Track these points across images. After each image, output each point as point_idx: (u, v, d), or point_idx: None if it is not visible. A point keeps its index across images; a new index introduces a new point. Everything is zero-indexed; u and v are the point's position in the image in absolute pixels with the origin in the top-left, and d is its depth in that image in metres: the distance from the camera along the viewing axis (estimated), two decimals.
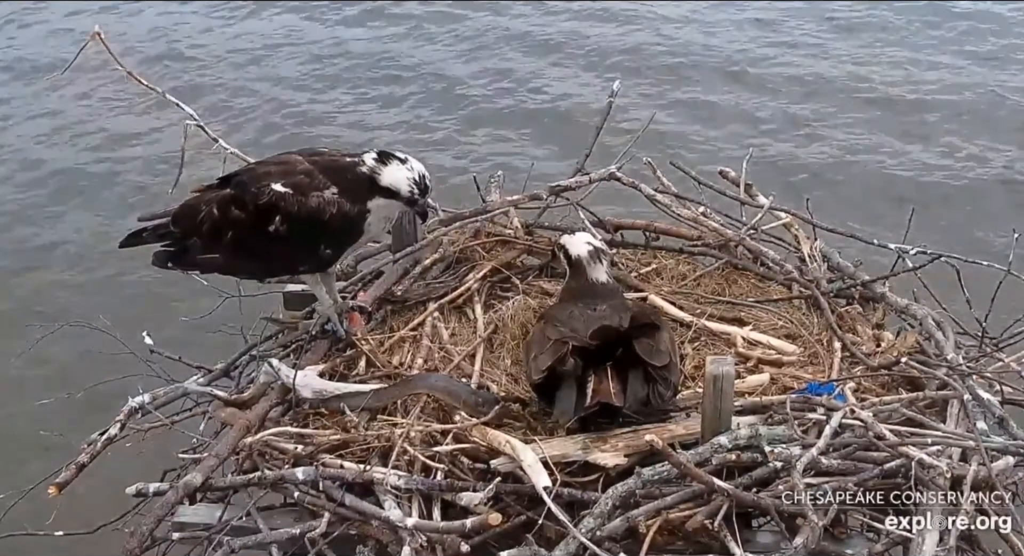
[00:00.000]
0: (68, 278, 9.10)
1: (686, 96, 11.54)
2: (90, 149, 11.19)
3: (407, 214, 4.60)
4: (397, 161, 4.16)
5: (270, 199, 4.14)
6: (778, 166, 9.98)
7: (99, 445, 4.16)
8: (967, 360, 4.38)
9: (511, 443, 3.78)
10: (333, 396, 4.16)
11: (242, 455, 4.05)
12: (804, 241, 5.16)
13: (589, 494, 3.70)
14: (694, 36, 12.94)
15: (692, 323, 4.67)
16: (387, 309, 4.80)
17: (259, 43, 13.41)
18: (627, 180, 5.29)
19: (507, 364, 4.46)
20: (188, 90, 11.29)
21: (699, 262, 5.21)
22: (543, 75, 12.19)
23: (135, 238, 4.50)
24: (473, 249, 5.12)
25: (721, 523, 3.55)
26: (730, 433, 3.76)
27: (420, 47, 13.09)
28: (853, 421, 3.81)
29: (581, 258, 4.39)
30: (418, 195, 4.16)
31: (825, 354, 4.48)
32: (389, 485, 3.77)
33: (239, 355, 4.79)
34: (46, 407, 6.33)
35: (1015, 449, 3.81)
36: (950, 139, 10.58)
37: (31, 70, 12.91)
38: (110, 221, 9.68)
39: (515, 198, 5.33)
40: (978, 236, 8.83)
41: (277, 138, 10.69)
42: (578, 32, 13.12)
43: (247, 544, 3.86)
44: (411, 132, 11.12)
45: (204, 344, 5.76)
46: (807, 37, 12.92)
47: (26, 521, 4.40)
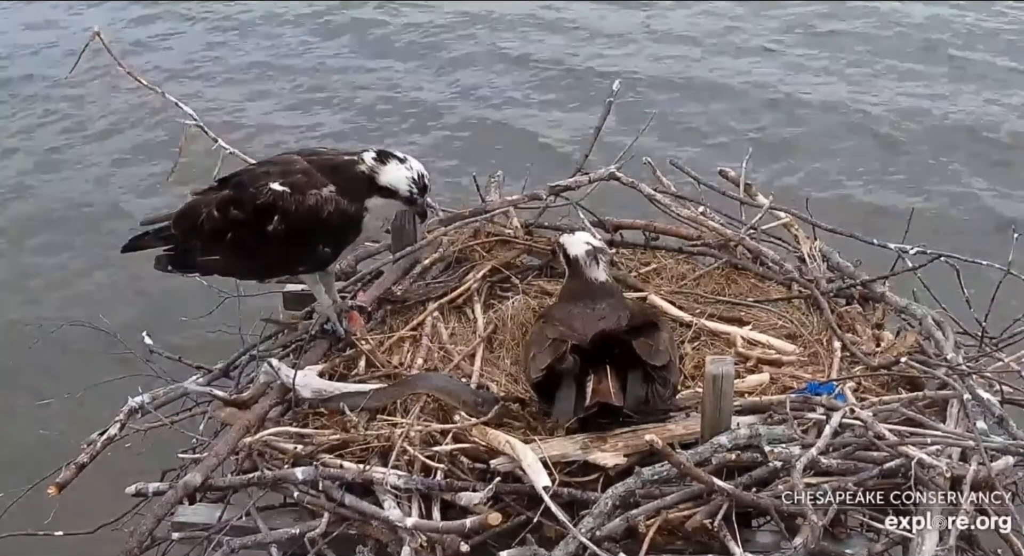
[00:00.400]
0: (68, 278, 9.10)
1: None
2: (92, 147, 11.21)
3: (406, 213, 4.60)
4: (396, 160, 4.14)
5: (268, 198, 4.14)
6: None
7: (99, 445, 4.16)
8: (967, 360, 4.37)
9: (511, 443, 3.78)
10: (333, 396, 4.16)
11: (242, 455, 4.05)
12: (804, 241, 5.15)
13: (589, 494, 3.70)
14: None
15: (692, 323, 4.67)
16: (387, 309, 4.79)
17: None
18: (627, 180, 5.29)
19: (507, 364, 4.46)
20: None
21: (699, 262, 5.21)
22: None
23: (137, 242, 4.50)
24: (473, 249, 5.12)
25: (721, 523, 3.55)
26: (730, 433, 3.76)
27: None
28: (853, 421, 3.80)
29: (579, 258, 4.39)
30: (417, 194, 4.14)
31: (825, 354, 4.48)
32: (389, 485, 3.77)
33: (239, 355, 4.79)
34: (46, 407, 6.36)
35: (1015, 449, 3.80)
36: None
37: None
38: (111, 220, 9.69)
39: (515, 198, 5.33)
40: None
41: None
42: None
43: (247, 544, 3.85)
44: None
45: (204, 344, 5.76)
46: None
47: (26, 521, 4.39)
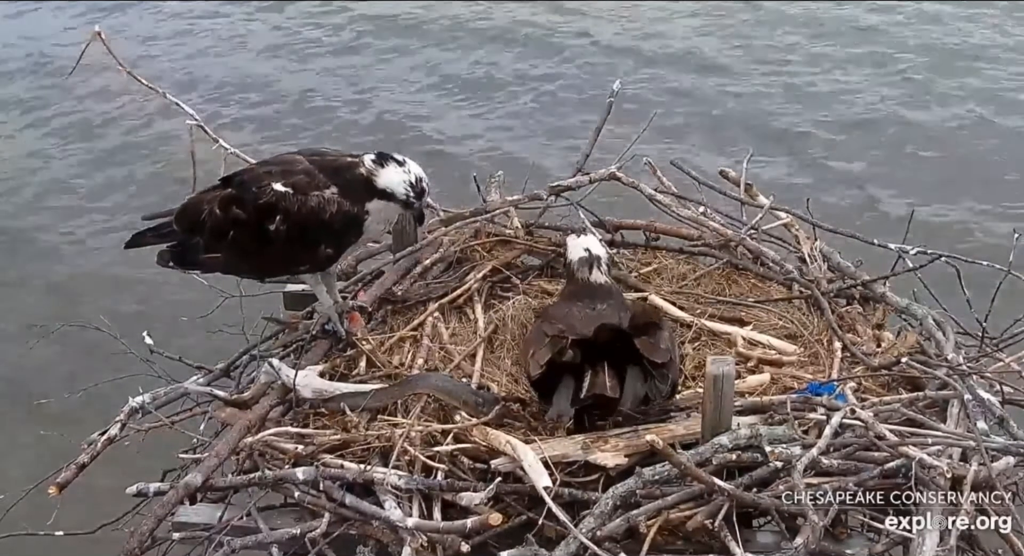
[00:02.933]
0: (68, 278, 9.10)
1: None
2: (92, 147, 11.19)
3: (405, 216, 4.57)
4: (395, 163, 4.13)
5: (270, 198, 4.14)
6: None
7: (99, 445, 4.14)
8: (967, 360, 4.37)
9: (511, 443, 3.78)
10: (333, 396, 4.16)
11: (242, 455, 4.05)
12: (804, 241, 5.15)
13: (589, 494, 3.70)
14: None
15: (692, 323, 4.67)
16: (387, 309, 4.79)
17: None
18: (627, 180, 5.29)
19: (507, 364, 4.46)
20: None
21: (699, 262, 5.21)
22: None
23: (140, 238, 4.51)
24: (473, 249, 5.12)
25: (721, 523, 3.55)
26: (730, 433, 3.76)
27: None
28: (853, 421, 3.80)
29: (573, 263, 4.41)
30: (414, 198, 4.13)
31: (825, 354, 4.48)
32: (389, 485, 3.77)
33: (239, 355, 4.79)
34: (46, 407, 6.35)
35: (1015, 449, 3.80)
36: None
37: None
38: (111, 221, 9.69)
39: (515, 198, 5.33)
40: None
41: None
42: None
43: (247, 544, 3.85)
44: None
45: (204, 344, 5.76)
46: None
47: (26, 521, 4.39)
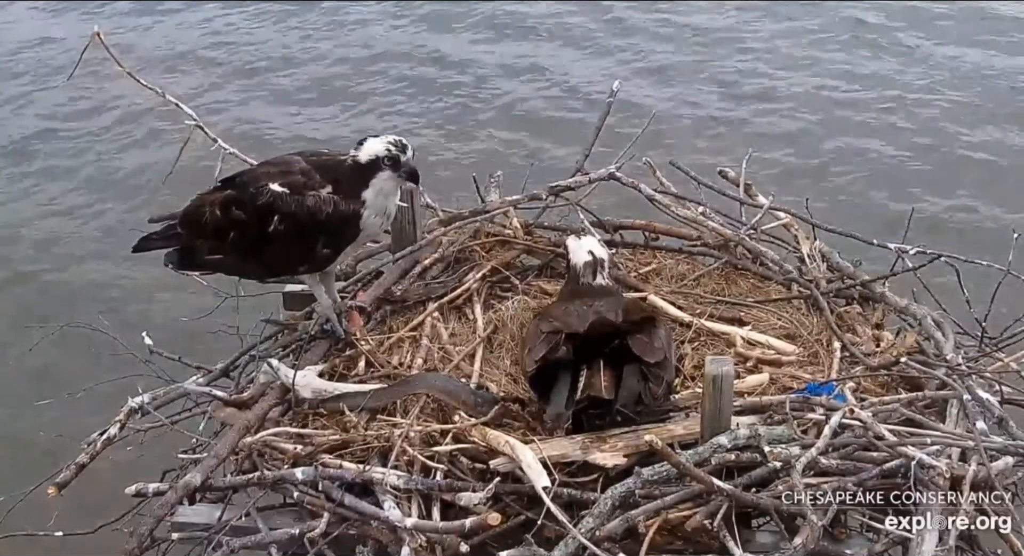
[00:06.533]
0: (68, 278, 9.10)
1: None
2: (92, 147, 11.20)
3: (399, 187, 4.35)
4: (371, 136, 4.22)
5: (268, 199, 4.17)
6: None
7: (99, 445, 4.15)
8: (967, 360, 4.38)
9: (510, 443, 3.78)
10: (332, 396, 4.16)
11: (242, 455, 4.06)
12: (804, 241, 5.15)
13: (588, 494, 3.71)
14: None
15: (691, 323, 4.67)
16: (386, 309, 4.79)
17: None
18: (627, 180, 5.29)
19: (506, 364, 4.46)
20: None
21: (698, 262, 5.21)
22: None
23: (146, 243, 4.53)
24: (472, 249, 5.12)
25: (720, 523, 3.55)
26: (730, 433, 3.76)
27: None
28: (852, 421, 3.80)
29: (577, 267, 4.41)
30: (398, 151, 4.15)
31: (825, 354, 4.48)
32: (388, 485, 3.77)
33: (239, 355, 4.79)
34: (46, 407, 6.35)
35: (1014, 449, 3.80)
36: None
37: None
38: (112, 220, 9.69)
39: (514, 198, 5.33)
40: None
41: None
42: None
43: (247, 544, 3.86)
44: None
45: (204, 344, 5.76)
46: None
47: (26, 521, 4.39)
